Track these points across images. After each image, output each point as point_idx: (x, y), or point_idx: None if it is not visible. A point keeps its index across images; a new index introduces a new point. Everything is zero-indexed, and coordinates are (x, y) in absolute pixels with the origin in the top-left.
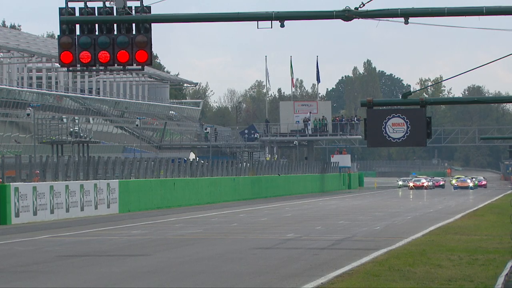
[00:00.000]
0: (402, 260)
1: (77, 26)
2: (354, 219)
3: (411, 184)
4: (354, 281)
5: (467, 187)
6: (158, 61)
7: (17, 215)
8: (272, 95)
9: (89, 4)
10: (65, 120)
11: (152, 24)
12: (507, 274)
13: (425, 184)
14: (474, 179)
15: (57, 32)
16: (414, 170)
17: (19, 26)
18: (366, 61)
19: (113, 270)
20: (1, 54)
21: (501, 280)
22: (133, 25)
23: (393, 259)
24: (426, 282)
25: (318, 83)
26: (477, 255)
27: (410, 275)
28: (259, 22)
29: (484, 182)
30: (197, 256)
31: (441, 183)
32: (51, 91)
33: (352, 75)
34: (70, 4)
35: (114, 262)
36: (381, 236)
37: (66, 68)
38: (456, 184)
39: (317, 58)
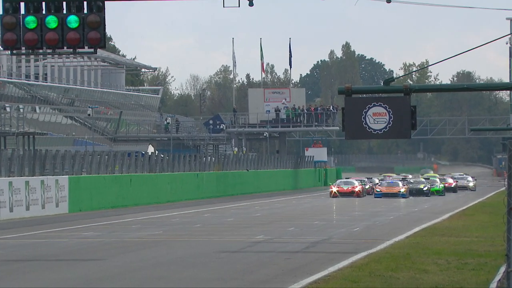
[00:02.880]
0: (383, 264)
1: (22, 4)
2: (330, 219)
3: (334, 189)
4: None
5: (396, 194)
6: (112, 43)
7: None
8: (240, 81)
9: None
10: (8, 109)
11: (106, 2)
12: (499, 280)
13: (356, 189)
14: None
15: None
16: (398, 165)
17: None
18: (344, 44)
19: (62, 276)
20: None
21: (493, 286)
22: (85, 3)
23: (373, 264)
24: None
25: (290, 68)
26: (466, 259)
27: (392, 281)
28: (225, 0)
29: (452, 183)
30: (156, 261)
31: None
32: None
33: (328, 60)
34: None
35: (64, 268)
36: (361, 238)
37: (9, 51)
38: (379, 190)
39: (289, 41)
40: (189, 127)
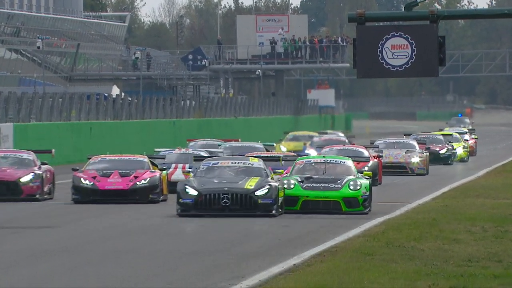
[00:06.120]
0: (404, 233)
1: None
2: None
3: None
4: (339, 262)
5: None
6: None
7: None
8: (226, 6)
9: None
10: None
11: None
12: None
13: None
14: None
15: None
16: (422, 110)
17: None
18: None
19: (5, 248)
20: None
21: None
22: None
23: (392, 232)
24: (437, 263)
25: None
26: (507, 225)
27: (415, 253)
28: None
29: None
30: (122, 229)
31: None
32: None
33: None
34: None
35: (7, 237)
36: (376, 200)
37: None
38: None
39: None
40: (163, 63)
